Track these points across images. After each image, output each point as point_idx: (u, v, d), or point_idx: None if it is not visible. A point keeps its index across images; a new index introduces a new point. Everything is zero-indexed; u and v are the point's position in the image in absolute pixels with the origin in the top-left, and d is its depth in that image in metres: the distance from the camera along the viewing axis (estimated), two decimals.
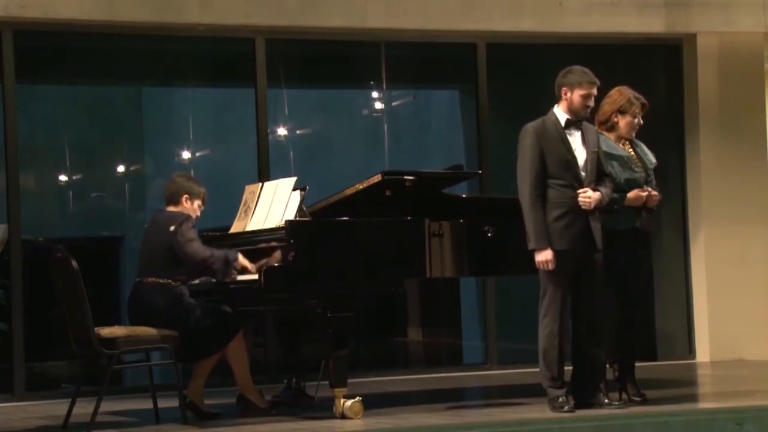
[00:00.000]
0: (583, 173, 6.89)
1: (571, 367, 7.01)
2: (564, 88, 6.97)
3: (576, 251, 6.84)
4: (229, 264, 7.07)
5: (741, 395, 7.76)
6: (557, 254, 6.81)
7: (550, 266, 6.80)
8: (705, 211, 10.49)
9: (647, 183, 7.31)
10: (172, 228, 7.09)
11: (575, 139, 6.94)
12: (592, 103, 6.99)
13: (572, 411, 6.73)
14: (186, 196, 7.30)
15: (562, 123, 6.93)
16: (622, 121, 7.30)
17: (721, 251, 10.45)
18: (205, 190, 7.39)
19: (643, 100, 7.43)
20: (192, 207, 7.31)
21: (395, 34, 10.00)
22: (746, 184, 10.50)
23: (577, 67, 7.02)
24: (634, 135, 7.39)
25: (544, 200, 6.87)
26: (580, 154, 6.91)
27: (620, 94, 7.36)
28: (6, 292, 8.93)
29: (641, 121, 7.39)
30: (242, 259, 7.15)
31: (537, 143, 6.89)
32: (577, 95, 6.94)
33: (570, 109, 6.94)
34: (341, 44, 10.19)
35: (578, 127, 6.96)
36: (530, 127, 6.96)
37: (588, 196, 6.83)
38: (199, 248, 7.05)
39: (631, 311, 7.24)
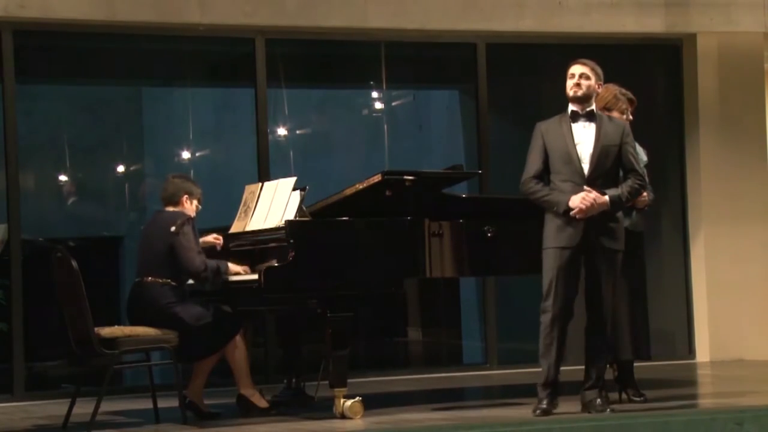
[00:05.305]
0: (586, 168, 6.73)
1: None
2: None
3: (578, 249, 6.70)
4: (219, 275, 7.12)
5: (741, 395, 7.76)
6: (554, 251, 6.72)
7: (588, 200, 6.60)
8: (705, 210, 10.49)
9: None
10: (173, 228, 7.09)
11: (585, 132, 6.76)
12: (579, 80, 6.75)
13: (546, 414, 6.68)
14: (186, 196, 7.32)
15: (569, 116, 6.83)
16: None
17: (721, 250, 10.45)
18: (201, 190, 7.42)
19: (630, 95, 7.37)
20: (191, 207, 7.33)
21: (395, 34, 10.00)
22: (746, 184, 10.50)
23: None
24: None
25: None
26: (586, 148, 6.73)
27: (606, 90, 7.29)
28: (6, 292, 8.93)
29: (631, 117, 7.34)
30: (233, 266, 7.21)
31: (539, 138, 6.83)
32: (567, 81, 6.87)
33: (567, 98, 6.85)
34: (341, 44, 10.19)
35: (592, 120, 6.78)
36: (539, 124, 6.91)
37: (579, 208, 6.62)
38: (195, 258, 7.06)
39: (628, 312, 7.22)
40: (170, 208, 7.31)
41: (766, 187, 10.61)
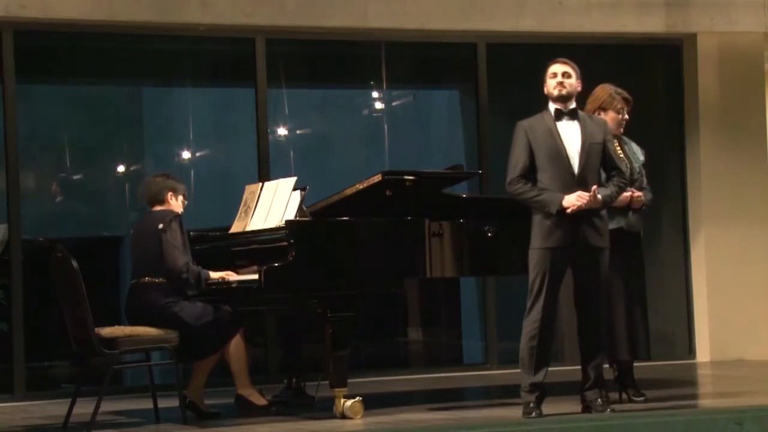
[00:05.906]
0: (576, 165, 6.71)
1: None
2: (544, 84, 6.92)
3: (569, 249, 6.69)
4: (200, 281, 7.11)
5: (741, 395, 7.76)
6: (544, 251, 6.71)
7: (584, 198, 6.58)
8: (705, 211, 10.49)
9: (633, 182, 7.25)
10: (161, 226, 7.10)
11: (570, 129, 6.74)
12: (562, 79, 6.76)
13: (540, 416, 6.68)
14: (170, 193, 7.33)
15: (552, 114, 6.82)
16: (606, 118, 7.21)
17: (722, 251, 10.44)
18: (185, 186, 7.43)
19: (626, 94, 7.36)
20: (177, 203, 7.34)
21: (395, 34, 10.00)
22: (746, 184, 10.50)
23: None
24: (621, 131, 7.34)
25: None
26: (573, 145, 6.71)
27: (602, 90, 7.30)
28: (6, 292, 8.93)
29: (626, 116, 7.34)
30: (214, 275, 7.18)
31: (524, 136, 6.78)
32: (547, 81, 6.85)
33: (549, 97, 6.84)
34: (341, 44, 10.19)
35: (574, 118, 6.77)
36: (520, 122, 6.88)
37: (572, 202, 6.60)
38: (178, 258, 7.04)
39: (626, 312, 7.21)
40: (158, 208, 7.32)
41: (766, 187, 10.60)
